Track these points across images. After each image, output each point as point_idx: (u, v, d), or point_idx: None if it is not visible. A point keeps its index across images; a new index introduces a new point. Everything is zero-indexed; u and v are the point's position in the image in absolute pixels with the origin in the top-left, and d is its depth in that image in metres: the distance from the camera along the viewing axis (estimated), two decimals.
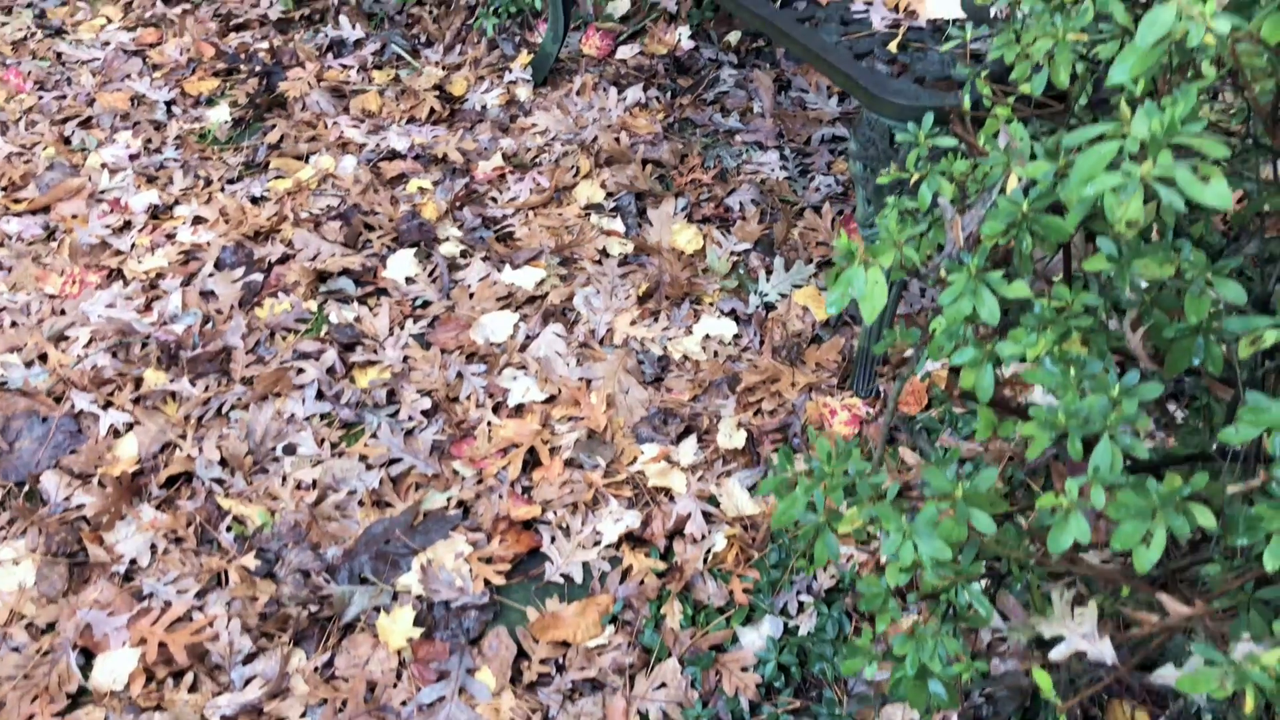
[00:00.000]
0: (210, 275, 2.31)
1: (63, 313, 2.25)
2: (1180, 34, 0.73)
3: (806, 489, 1.11)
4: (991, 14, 1.31)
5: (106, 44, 3.02)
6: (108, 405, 2.05)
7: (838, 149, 2.63)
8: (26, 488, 1.93)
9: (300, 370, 2.09)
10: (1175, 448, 1.41)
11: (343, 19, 3.06)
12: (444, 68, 2.95)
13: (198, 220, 2.46)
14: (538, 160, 2.65)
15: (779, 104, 2.77)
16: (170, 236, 2.42)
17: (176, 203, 2.52)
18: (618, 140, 2.66)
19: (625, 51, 2.97)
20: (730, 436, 1.94)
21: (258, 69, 2.90)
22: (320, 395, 2.07)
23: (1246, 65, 0.79)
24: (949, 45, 1.25)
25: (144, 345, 2.17)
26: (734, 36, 2.98)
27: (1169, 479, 0.93)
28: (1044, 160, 1.03)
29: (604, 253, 2.37)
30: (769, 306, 2.23)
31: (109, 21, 3.12)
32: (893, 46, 1.90)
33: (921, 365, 1.18)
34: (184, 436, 1.99)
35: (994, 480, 0.93)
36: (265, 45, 2.99)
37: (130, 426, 2.02)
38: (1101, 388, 0.85)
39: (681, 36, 2.97)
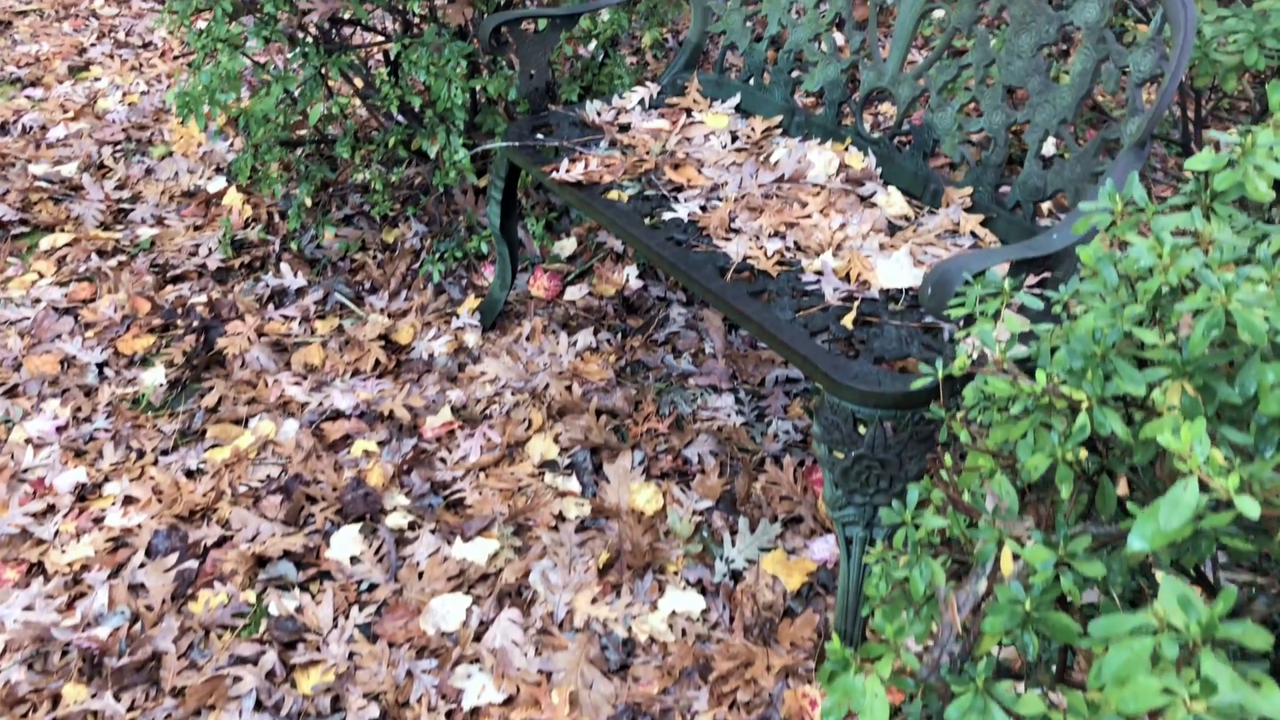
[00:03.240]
0: (140, 566, 2.16)
1: None
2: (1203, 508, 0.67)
3: None
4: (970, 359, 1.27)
5: (37, 301, 2.93)
6: None
7: (792, 390, 2.60)
8: None
9: (237, 679, 1.93)
10: None
11: (284, 266, 3.02)
12: (389, 315, 2.90)
13: (128, 500, 2.32)
14: (488, 412, 2.58)
15: (730, 344, 2.75)
16: (98, 521, 2.28)
17: (106, 479, 2.38)
18: (569, 389, 2.60)
19: (574, 292, 2.95)
20: None
21: (195, 324, 2.82)
22: (259, 705, 1.90)
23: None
24: (920, 383, 1.20)
25: (64, 654, 1.99)
26: None
27: None
28: (1041, 545, 0.96)
29: (560, 517, 2.27)
30: (736, 575, 2.13)
31: (41, 277, 3.04)
32: (847, 321, 1.88)
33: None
34: None
35: None
36: (203, 298, 2.92)
37: None
38: None
39: (629, 276, 2.97)
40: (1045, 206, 2.75)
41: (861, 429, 1.75)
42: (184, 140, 3.62)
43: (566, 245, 3.10)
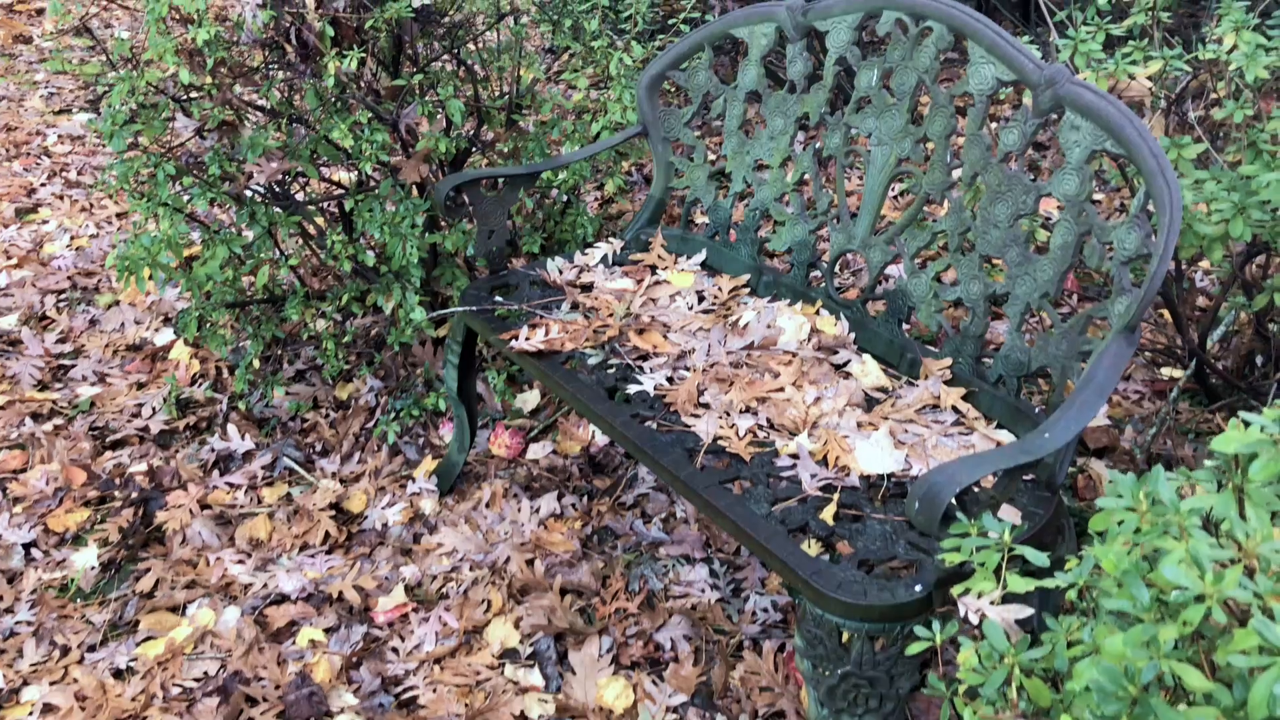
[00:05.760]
0: None
1: None
2: None
3: None
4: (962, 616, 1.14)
5: None
6: None
7: None
8: None
9: None
10: None
11: (231, 428, 2.86)
12: (341, 480, 2.74)
13: (47, 709, 2.12)
14: (444, 591, 2.40)
15: None
16: None
17: (25, 683, 2.18)
18: (531, 563, 2.44)
19: (537, 450, 2.81)
20: None
21: (134, 495, 2.64)
22: None
23: None
24: (916, 648, 1.06)
25: None
26: None
27: None
28: None
29: (522, 718, 2.09)
30: None
31: None
32: (828, 515, 1.75)
33: None
34: None
35: None
36: (143, 466, 2.75)
37: None
38: None
39: (595, 432, 2.83)
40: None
41: (847, 640, 1.60)
42: (132, 288, 3.49)
43: (529, 398, 2.97)
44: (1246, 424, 0.83)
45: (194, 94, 2.57)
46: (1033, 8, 4.52)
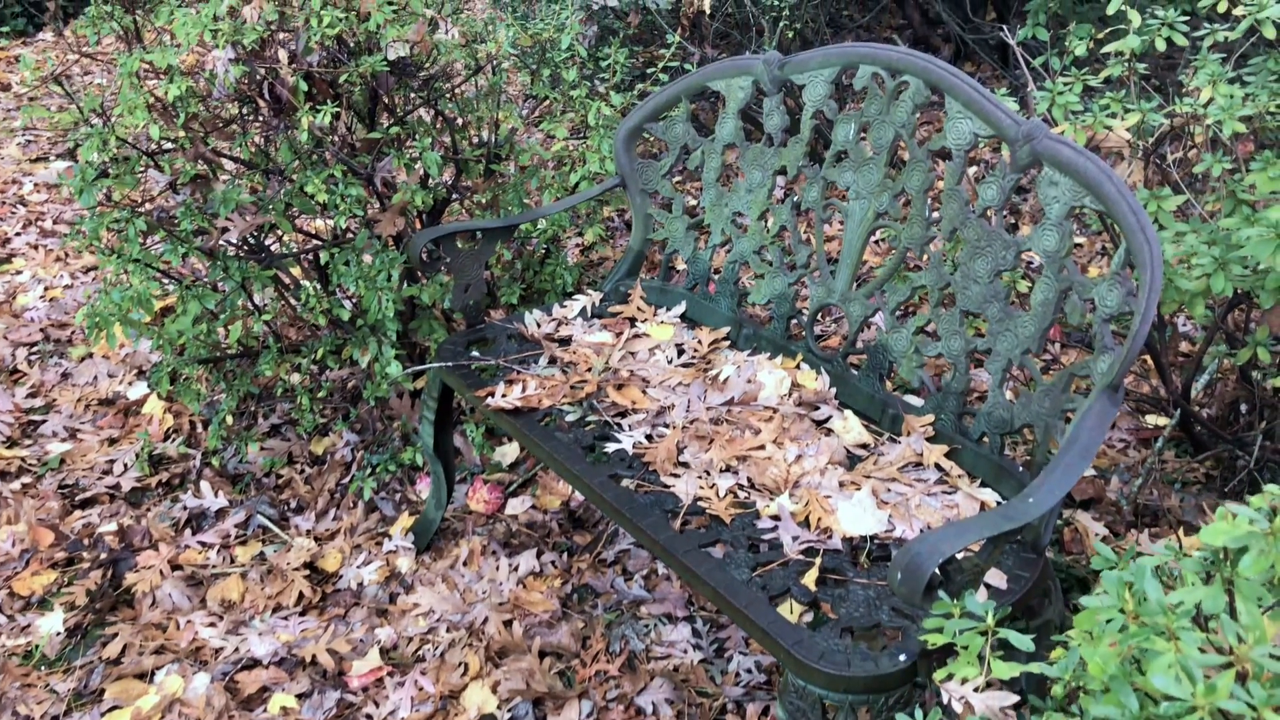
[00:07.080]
0: None
1: None
2: None
3: None
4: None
5: None
6: None
7: None
8: None
9: None
10: None
11: (204, 485, 2.80)
12: (315, 538, 2.69)
13: None
14: (420, 654, 2.34)
15: None
16: None
17: None
18: (509, 624, 2.38)
19: (516, 505, 2.76)
20: None
21: (102, 556, 2.58)
22: None
23: None
24: None
25: None
26: None
27: None
28: None
29: None
30: None
31: None
32: (810, 580, 1.71)
33: None
34: None
35: None
36: (113, 526, 2.69)
37: None
38: None
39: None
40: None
41: (830, 708, 1.56)
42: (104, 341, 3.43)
43: (508, 452, 2.92)
44: (1234, 514, 0.80)
45: (167, 146, 2.54)
46: (1011, 51, 4.55)
